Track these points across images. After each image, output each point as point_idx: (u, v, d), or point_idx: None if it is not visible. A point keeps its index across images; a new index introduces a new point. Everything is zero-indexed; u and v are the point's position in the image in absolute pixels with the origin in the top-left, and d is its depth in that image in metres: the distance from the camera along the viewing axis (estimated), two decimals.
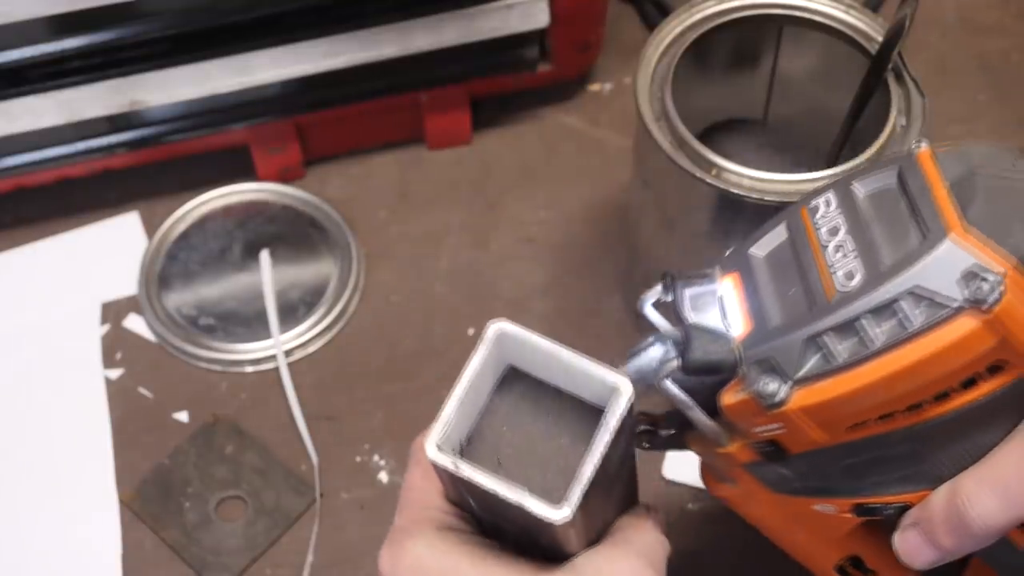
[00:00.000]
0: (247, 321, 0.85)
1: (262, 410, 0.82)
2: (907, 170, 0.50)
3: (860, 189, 0.52)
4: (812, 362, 0.49)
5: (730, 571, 0.76)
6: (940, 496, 0.52)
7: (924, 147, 0.51)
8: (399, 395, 0.82)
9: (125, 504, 0.79)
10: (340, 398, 0.82)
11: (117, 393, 0.83)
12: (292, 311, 0.85)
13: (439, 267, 0.88)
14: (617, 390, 0.49)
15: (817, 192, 0.53)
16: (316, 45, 0.84)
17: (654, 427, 0.58)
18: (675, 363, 0.53)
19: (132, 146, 0.87)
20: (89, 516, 0.78)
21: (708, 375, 0.53)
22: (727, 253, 0.56)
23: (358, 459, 0.80)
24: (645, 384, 0.54)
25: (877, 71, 0.71)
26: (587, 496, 0.49)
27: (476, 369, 0.51)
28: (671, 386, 0.53)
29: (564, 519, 0.48)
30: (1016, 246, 0.46)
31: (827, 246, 0.51)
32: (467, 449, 0.52)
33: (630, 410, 0.50)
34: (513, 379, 0.53)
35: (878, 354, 0.48)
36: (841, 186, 0.52)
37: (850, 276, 0.49)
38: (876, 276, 0.48)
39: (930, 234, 0.48)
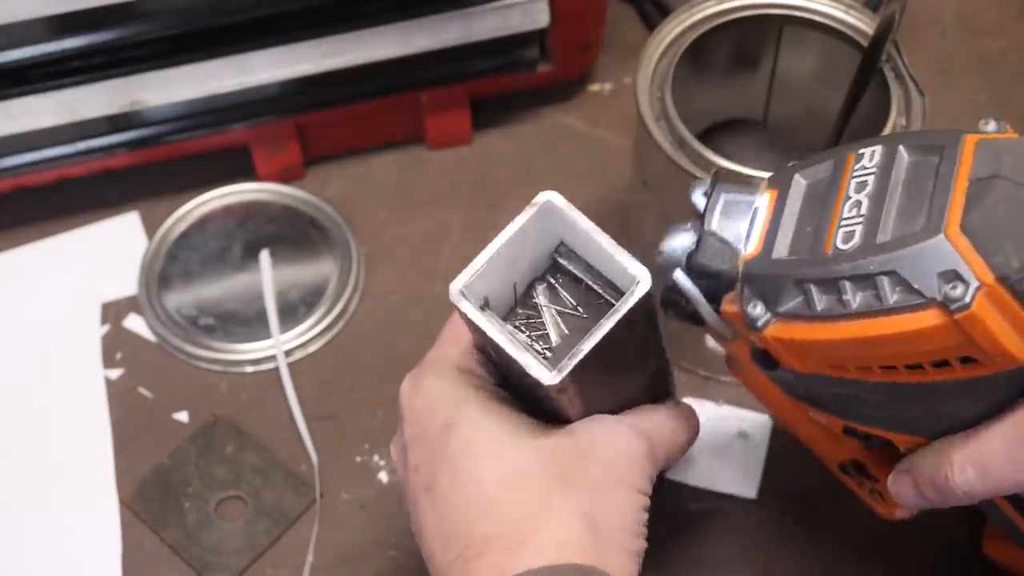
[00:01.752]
0: (247, 321, 0.85)
1: (262, 410, 0.82)
2: (948, 151, 0.51)
3: (905, 154, 0.52)
4: (794, 303, 0.51)
5: (731, 569, 0.76)
6: (930, 457, 0.55)
7: (974, 134, 0.52)
8: (399, 395, 0.82)
9: (125, 504, 0.79)
10: (340, 398, 0.83)
11: (117, 393, 0.83)
12: (292, 311, 0.85)
13: (439, 267, 0.88)
14: (636, 280, 0.52)
15: (871, 141, 0.54)
16: (316, 45, 0.84)
17: (680, 300, 0.59)
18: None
19: (132, 146, 0.87)
20: (89, 516, 0.78)
21: (709, 280, 0.55)
22: (782, 168, 0.57)
23: (358, 459, 0.80)
24: (670, 263, 0.56)
25: (868, 67, 0.72)
26: (585, 369, 0.51)
27: (514, 229, 0.54)
28: (682, 277, 0.56)
29: (552, 383, 0.51)
30: (1000, 264, 0.47)
31: (848, 199, 0.52)
32: (498, 306, 0.55)
33: (647, 302, 0.53)
34: (565, 256, 0.56)
35: (851, 316, 0.50)
36: (891, 143, 0.53)
37: (849, 238, 0.50)
38: (869, 246, 0.50)
39: (929, 224, 0.48)
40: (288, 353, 0.84)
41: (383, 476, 0.79)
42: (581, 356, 0.51)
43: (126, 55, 0.82)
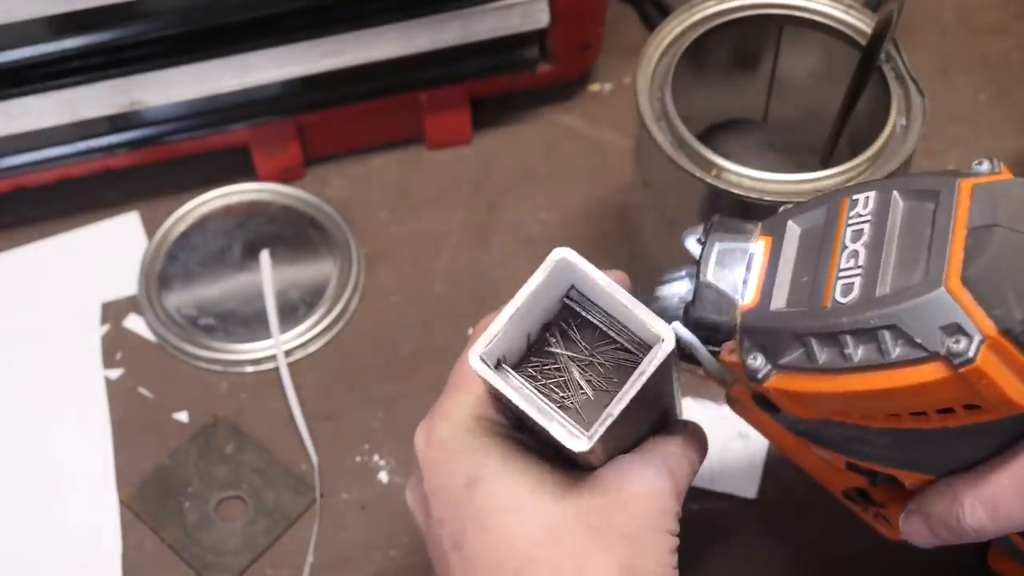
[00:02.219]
0: (247, 321, 0.85)
1: (262, 410, 0.82)
2: (943, 198, 0.50)
3: (900, 200, 0.52)
4: (795, 355, 0.51)
5: (731, 569, 0.76)
6: (940, 498, 0.54)
7: (970, 178, 0.51)
8: (399, 395, 0.82)
9: (125, 504, 0.78)
10: (340, 398, 0.82)
11: (117, 393, 0.83)
12: (292, 311, 0.85)
13: (439, 267, 0.88)
14: (660, 339, 0.52)
15: (865, 186, 0.53)
16: (316, 45, 0.84)
17: (679, 345, 0.59)
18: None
19: (132, 146, 0.87)
20: (89, 516, 0.78)
21: (708, 330, 0.55)
22: (776, 212, 0.57)
23: (358, 459, 0.80)
24: (667, 312, 0.56)
25: (866, 65, 0.72)
26: (611, 428, 0.51)
27: (530, 290, 0.53)
28: (680, 328, 0.55)
29: (583, 450, 0.51)
30: (1003, 316, 0.47)
31: (844, 249, 0.51)
32: (512, 357, 0.54)
33: (668, 358, 0.52)
34: (577, 301, 0.55)
35: (853, 370, 0.49)
36: (885, 189, 0.52)
37: (848, 291, 0.50)
38: (868, 300, 0.49)
39: (929, 276, 0.48)
40: (288, 353, 0.84)
41: (383, 476, 0.79)
42: (611, 421, 0.51)
43: (126, 55, 0.82)
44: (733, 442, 0.79)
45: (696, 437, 0.60)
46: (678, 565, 0.55)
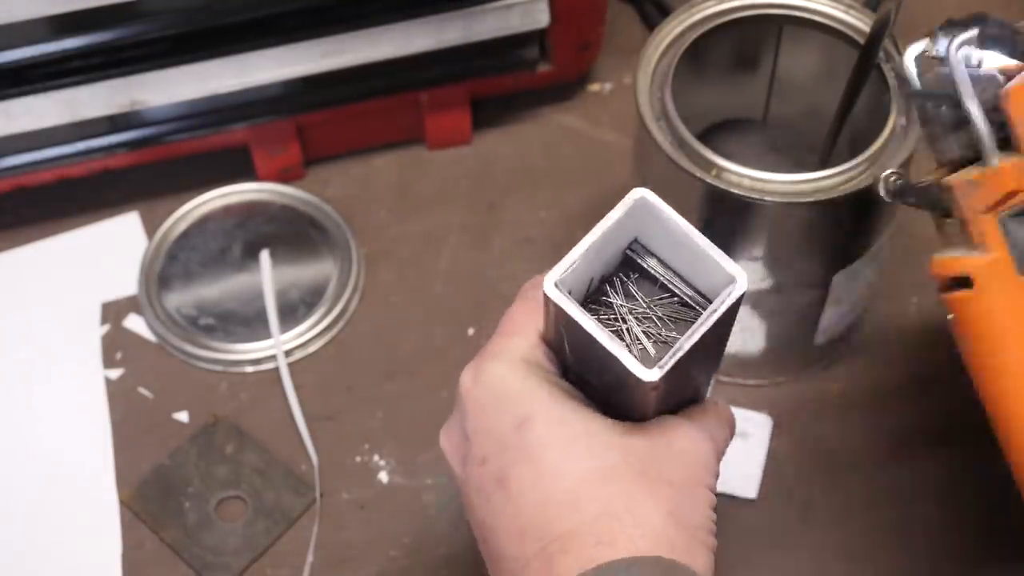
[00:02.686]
0: (247, 321, 0.85)
1: (262, 410, 0.82)
2: None
3: None
4: None
5: (730, 569, 0.76)
6: None
7: None
8: (399, 395, 0.82)
9: (125, 504, 0.78)
10: (340, 398, 0.82)
11: (117, 393, 0.83)
12: (292, 311, 0.85)
13: (439, 267, 0.88)
14: (733, 279, 0.52)
15: None
16: (316, 45, 0.84)
17: (905, 179, 0.56)
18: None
19: (132, 146, 0.87)
20: (89, 516, 0.78)
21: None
22: None
23: (358, 459, 0.80)
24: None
25: (865, 65, 0.72)
26: (675, 369, 0.52)
27: (608, 223, 0.53)
28: (960, 63, 0.52)
29: (651, 379, 0.51)
30: None
31: None
32: (578, 297, 0.55)
33: (739, 303, 0.52)
34: (639, 253, 0.56)
35: None
36: None
37: None
38: None
39: None
40: (288, 353, 0.84)
41: (383, 476, 0.79)
42: (681, 353, 0.52)
43: (126, 55, 0.82)
44: (733, 442, 0.79)
45: (725, 414, 0.61)
46: (716, 522, 0.56)
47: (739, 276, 0.52)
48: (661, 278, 0.55)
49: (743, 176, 0.69)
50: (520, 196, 0.91)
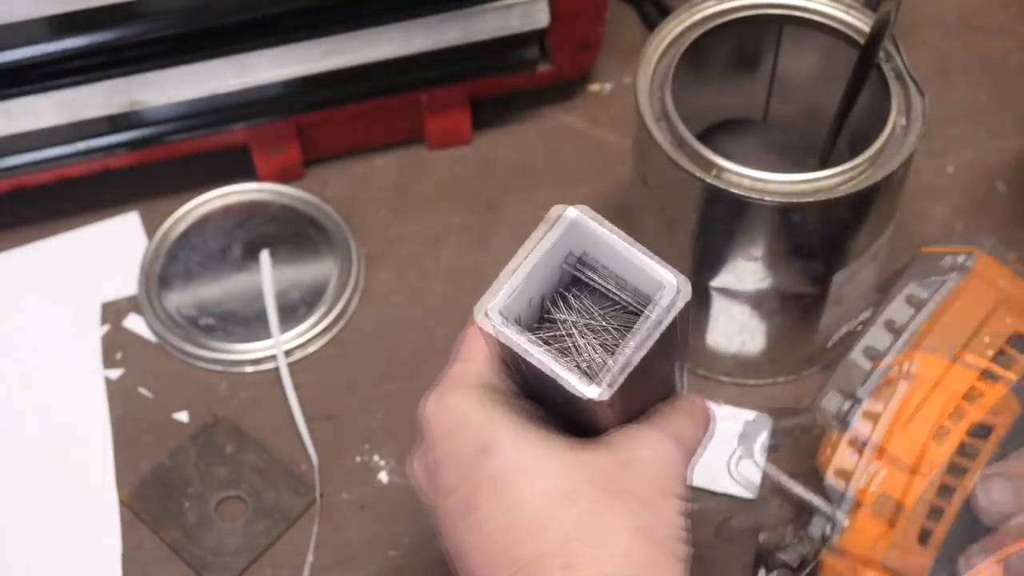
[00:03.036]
0: (247, 321, 0.85)
1: (262, 410, 0.82)
2: None
3: None
4: None
5: (731, 569, 0.76)
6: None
7: None
8: (399, 395, 0.82)
9: (125, 504, 0.78)
10: (340, 398, 0.82)
11: (117, 393, 0.83)
12: (292, 311, 0.85)
13: (439, 267, 0.88)
14: (676, 289, 0.51)
15: None
16: (316, 45, 0.84)
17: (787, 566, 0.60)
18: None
19: (132, 146, 0.87)
20: (89, 516, 0.78)
21: None
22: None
23: (358, 459, 0.80)
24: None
25: (865, 64, 0.72)
26: (626, 381, 0.51)
27: (546, 247, 0.53)
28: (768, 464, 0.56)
29: (602, 399, 0.50)
30: None
31: None
32: (521, 320, 0.54)
33: (687, 310, 0.52)
34: (582, 267, 0.55)
35: None
36: None
37: None
38: None
39: None
40: (288, 353, 0.84)
41: (383, 476, 0.79)
42: (630, 369, 0.51)
43: (126, 55, 0.82)
44: (731, 442, 0.79)
45: (699, 408, 0.60)
46: (690, 528, 0.56)
47: (669, 281, 0.51)
48: (602, 288, 0.55)
49: (743, 176, 0.69)
50: (520, 196, 0.91)
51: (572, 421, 0.55)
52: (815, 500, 0.64)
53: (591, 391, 0.51)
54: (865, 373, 0.64)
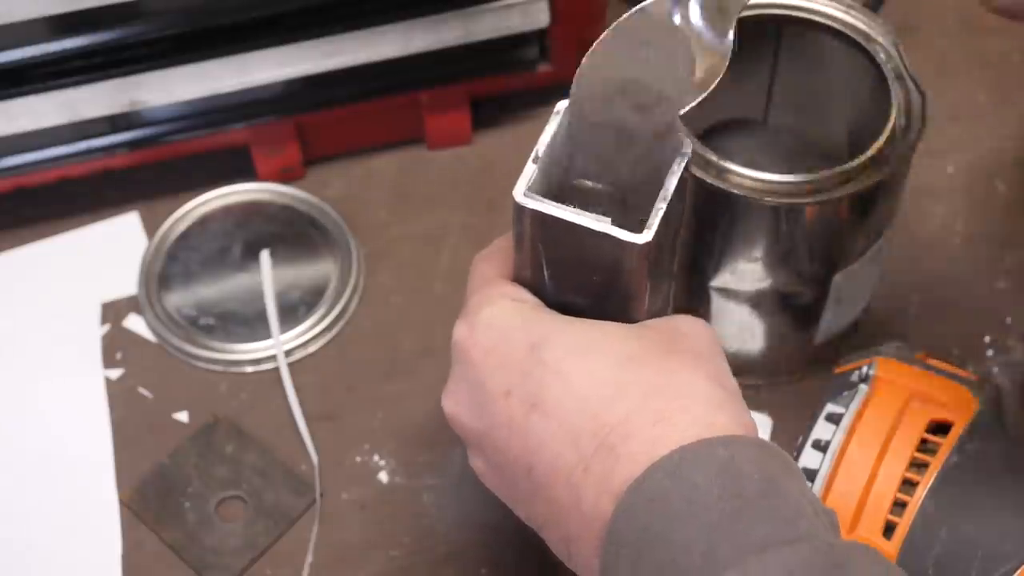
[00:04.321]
0: (247, 321, 0.85)
1: (262, 410, 0.82)
2: None
3: None
4: None
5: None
6: None
7: None
8: (399, 395, 0.82)
9: (125, 504, 0.79)
10: (340, 398, 0.83)
11: (117, 393, 0.83)
12: (292, 311, 0.85)
13: (439, 267, 0.88)
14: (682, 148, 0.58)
15: None
16: (316, 45, 0.84)
17: None
18: None
19: (132, 146, 0.87)
20: (89, 516, 0.78)
21: None
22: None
23: (358, 459, 0.80)
24: None
25: None
26: (659, 238, 0.55)
27: (551, 133, 0.59)
28: None
29: (644, 241, 0.54)
30: None
31: None
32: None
33: (687, 159, 0.57)
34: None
35: None
36: None
37: None
38: None
39: None
40: (288, 353, 0.84)
41: (383, 476, 0.79)
42: (663, 210, 0.55)
43: (126, 55, 0.82)
44: None
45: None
46: None
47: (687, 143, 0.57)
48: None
49: (743, 176, 0.69)
50: None
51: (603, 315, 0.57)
52: None
53: (634, 236, 0.54)
54: None
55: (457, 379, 0.58)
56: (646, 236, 0.54)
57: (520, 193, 0.56)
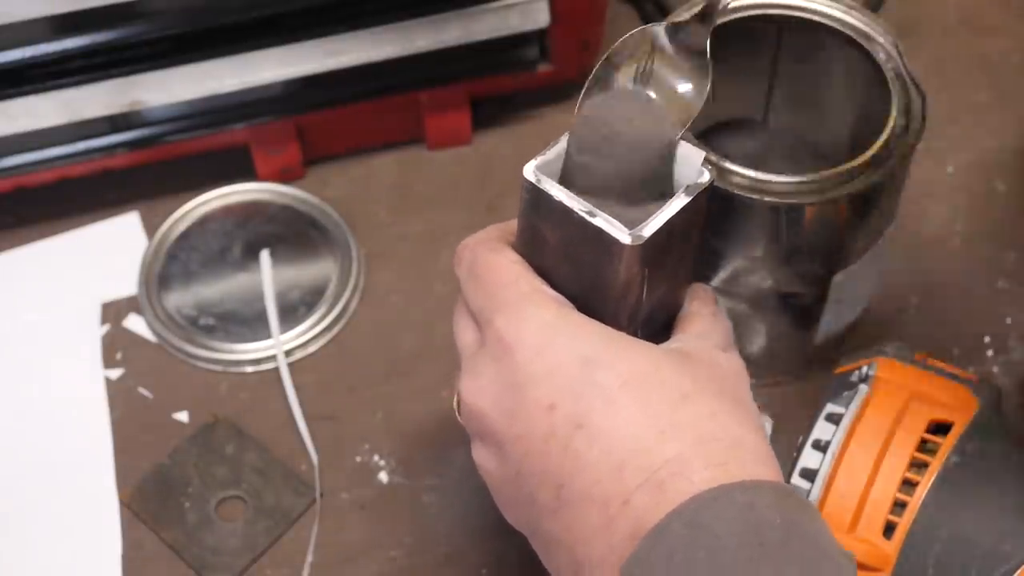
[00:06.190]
0: (247, 321, 0.85)
1: (262, 410, 0.82)
2: None
3: None
4: None
5: None
6: None
7: None
8: (399, 395, 0.82)
9: (125, 504, 0.79)
10: (340, 398, 0.83)
11: (117, 393, 0.83)
12: (292, 311, 0.85)
13: (439, 267, 0.88)
14: (703, 172, 0.58)
15: None
16: (316, 45, 0.84)
17: None
18: None
19: (132, 146, 0.87)
20: (89, 516, 0.78)
21: None
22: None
23: (358, 459, 0.80)
24: None
25: None
26: (656, 242, 0.55)
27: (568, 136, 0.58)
28: None
29: (632, 243, 0.54)
30: None
31: None
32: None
33: (703, 199, 0.57)
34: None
35: None
36: None
37: None
38: None
39: None
40: (288, 353, 0.84)
41: (383, 476, 0.79)
42: (660, 219, 0.55)
43: (126, 55, 0.82)
44: None
45: (713, 307, 0.62)
46: None
47: (708, 170, 0.58)
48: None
49: (743, 176, 0.69)
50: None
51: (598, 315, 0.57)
52: None
53: (627, 236, 0.54)
54: (803, 492, 0.67)
55: (488, 373, 0.56)
56: (634, 237, 0.54)
57: (531, 168, 0.57)
